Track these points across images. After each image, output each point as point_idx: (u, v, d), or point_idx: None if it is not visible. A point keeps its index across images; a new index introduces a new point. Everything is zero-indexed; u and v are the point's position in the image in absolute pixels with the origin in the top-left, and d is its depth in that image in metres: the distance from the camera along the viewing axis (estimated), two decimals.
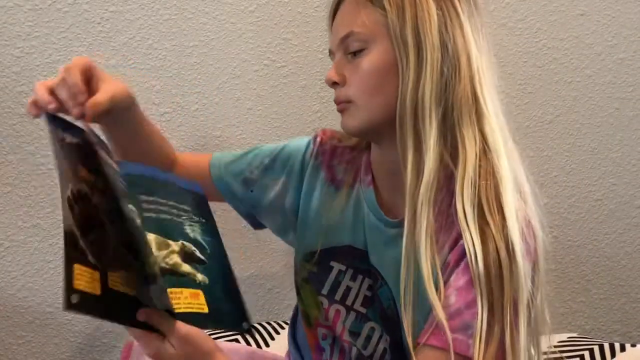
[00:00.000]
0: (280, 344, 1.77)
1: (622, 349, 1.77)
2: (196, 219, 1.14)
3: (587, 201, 2.20)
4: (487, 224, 1.07)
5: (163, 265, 1.02)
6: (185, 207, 1.14)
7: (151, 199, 1.10)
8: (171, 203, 1.12)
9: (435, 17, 1.10)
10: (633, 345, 1.77)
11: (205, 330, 1.03)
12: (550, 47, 2.11)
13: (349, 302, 1.26)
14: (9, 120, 1.88)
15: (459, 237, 1.10)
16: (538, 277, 1.11)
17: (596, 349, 1.78)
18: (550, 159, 2.17)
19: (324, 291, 1.28)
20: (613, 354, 1.76)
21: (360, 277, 1.26)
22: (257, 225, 1.44)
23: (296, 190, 1.33)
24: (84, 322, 1.96)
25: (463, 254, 1.08)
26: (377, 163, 1.26)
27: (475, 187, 1.08)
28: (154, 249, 1.03)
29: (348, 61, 1.16)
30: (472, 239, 1.06)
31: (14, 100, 1.87)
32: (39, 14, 1.85)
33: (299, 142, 1.36)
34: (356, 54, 1.14)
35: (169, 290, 1.00)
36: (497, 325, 1.05)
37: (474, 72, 1.12)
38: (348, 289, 1.27)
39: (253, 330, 1.12)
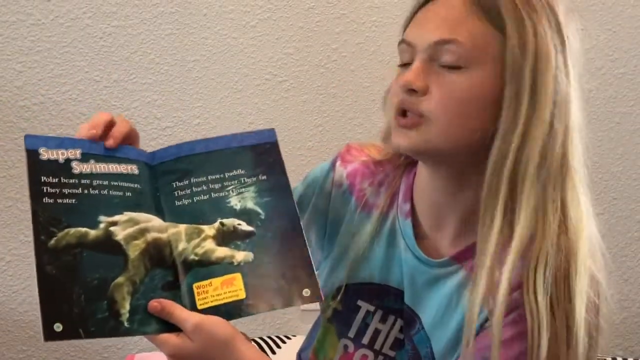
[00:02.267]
0: (282, 358, 1.77)
1: None
2: (250, 181, 1.06)
3: None
4: (553, 314, 0.95)
5: (192, 257, 1.00)
6: (236, 172, 1.07)
7: (185, 182, 1.05)
8: (214, 177, 1.06)
9: (553, 60, 0.94)
10: None
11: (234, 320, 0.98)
12: None
13: (377, 346, 1.13)
14: (11, 134, 1.89)
15: (517, 286, 0.97)
16: (594, 347, 1.01)
17: None
18: None
19: (351, 334, 1.15)
20: None
21: (391, 317, 1.12)
22: None
23: (320, 225, 1.19)
24: None
25: (514, 306, 0.97)
26: (422, 193, 1.09)
27: (551, 267, 0.95)
28: (183, 241, 1.01)
29: (435, 71, 0.96)
30: (539, 329, 0.94)
31: (16, 114, 1.88)
32: (41, 28, 1.86)
33: (319, 172, 1.20)
34: (449, 67, 0.95)
35: (195, 285, 0.98)
36: None
37: (570, 128, 0.97)
38: (377, 331, 1.13)
39: (317, 298, 1.03)
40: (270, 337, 1.86)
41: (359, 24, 1.98)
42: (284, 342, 1.85)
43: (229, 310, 0.98)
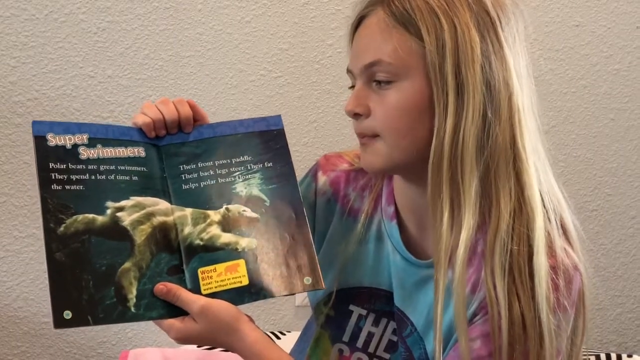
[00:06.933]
0: None
1: (619, 359, 1.77)
2: (256, 167, 1.07)
3: (582, 212, 2.20)
4: (517, 296, 0.96)
5: (197, 242, 1.01)
6: (243, 159, 1.08)
7: (192, 166, 1.06)
8: (221, 162, 1.07)
9: (479, 51, 0.96)
10: (629, 356, 1.77)
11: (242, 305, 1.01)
12: (546, 57, 2.12)
13: (371, 349, 1.14)
14: (4, 130, 1.88)
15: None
16: (580, 335, 1.05)
17: (592, 359, 1.78)
18: None
19: (345, 338, 1.15)
20: None
21: (384, 320, 1.13)
22: None
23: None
24: (79, 333, 1.96)
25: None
26: (401, 195, 1.11)
27: (507, 253, 0.97)
28: (189, 225, 1.02)
29: (373, 90, 1.01)
30: (498, 312, 0.96)
31: (10, 110, 1.87)
32: (36, 24, 1.85)
33: (301, 184, 1.20)
34: (382, 83, 1.00)
35: (200, 270, 1.00)
36: None
37: (514, 112, 0.98)
38: (370, 335, 1.14)
39: (319, 286, 1.03)
40: (265, 333, 1.86)
41: None
42: (278, 337, 1.85)
43: (233, 297, 1.00)
